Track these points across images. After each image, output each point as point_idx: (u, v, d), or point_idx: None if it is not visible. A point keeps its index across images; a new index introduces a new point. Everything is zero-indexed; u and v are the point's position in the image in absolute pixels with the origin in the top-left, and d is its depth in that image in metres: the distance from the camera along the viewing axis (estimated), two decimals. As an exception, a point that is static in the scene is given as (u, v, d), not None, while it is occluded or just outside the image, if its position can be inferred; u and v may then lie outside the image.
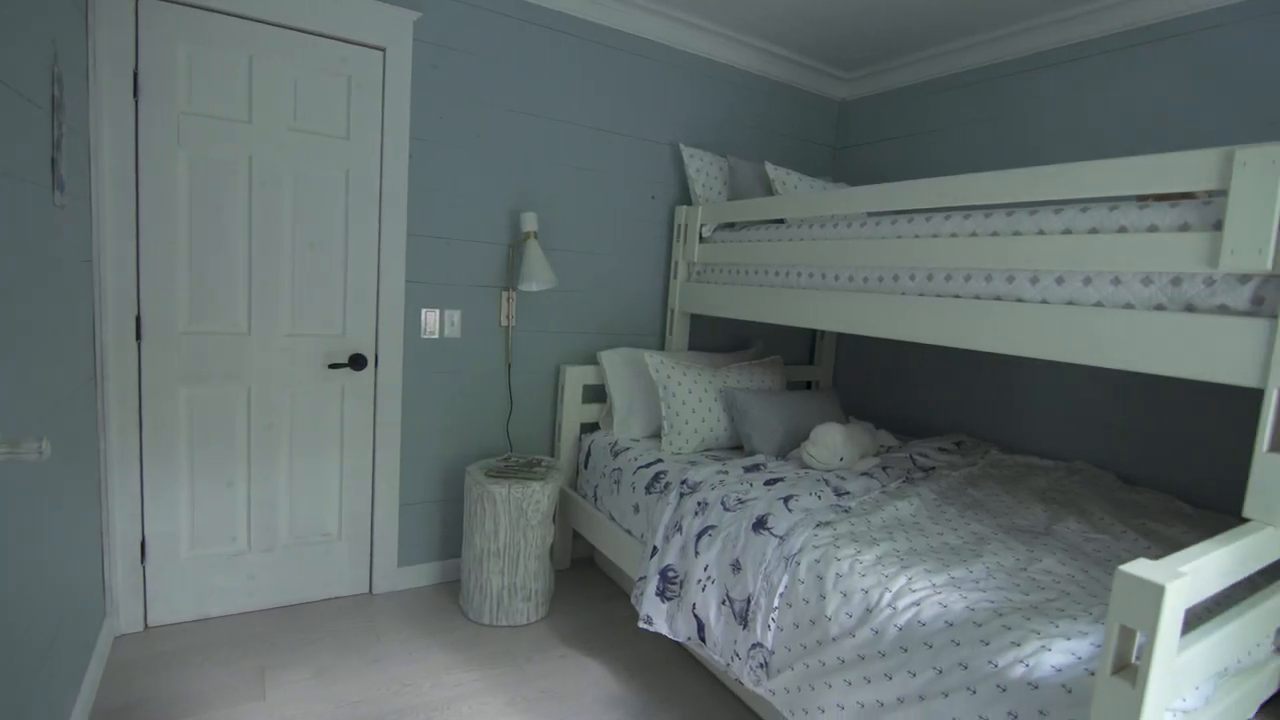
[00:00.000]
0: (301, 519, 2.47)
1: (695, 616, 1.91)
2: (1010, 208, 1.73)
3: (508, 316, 2.72)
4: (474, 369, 2.70)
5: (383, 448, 2.55)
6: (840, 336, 3.63)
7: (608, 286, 2.98)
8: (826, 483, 2.11)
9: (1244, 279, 1.31)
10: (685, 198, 3.12)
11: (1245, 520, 1.30)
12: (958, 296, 1.79)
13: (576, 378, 2.83)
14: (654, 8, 2.80)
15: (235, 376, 2.29)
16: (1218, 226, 1.34)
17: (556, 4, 2.65)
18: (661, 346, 3.16)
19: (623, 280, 3.01)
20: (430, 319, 2.58)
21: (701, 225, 2.87)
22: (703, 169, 2.98)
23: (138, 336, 2.14)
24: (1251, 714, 1.37)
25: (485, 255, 2.67)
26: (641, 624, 2.05)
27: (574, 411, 2.85)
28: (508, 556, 2.38)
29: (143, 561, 2.22)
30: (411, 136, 2.46)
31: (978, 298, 1.74)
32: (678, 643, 2.32)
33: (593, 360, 2.96)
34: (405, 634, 2.35)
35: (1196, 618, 1.38)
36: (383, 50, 2.38)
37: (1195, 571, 1.05)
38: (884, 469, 2.31)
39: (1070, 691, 1.17)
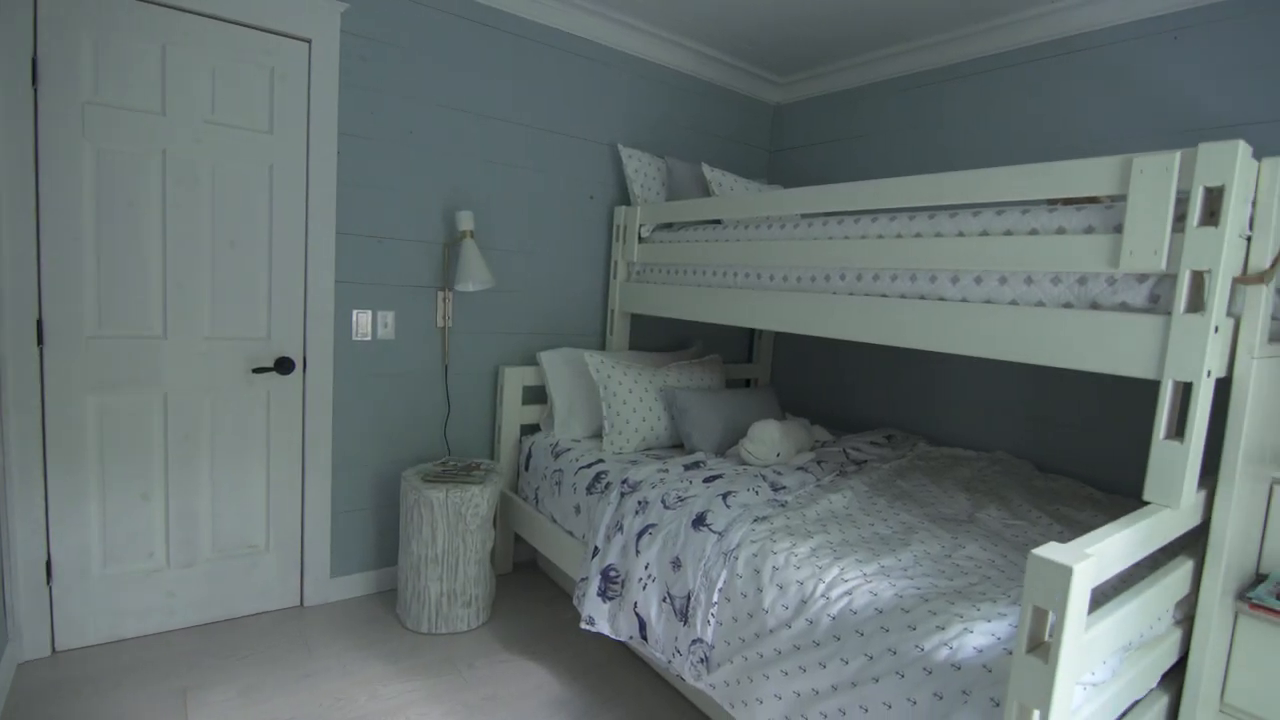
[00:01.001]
0: (225, 531, 2.35)
1: (637, 615, 1.92)
2: (932, 210, 1.80)
3: (444, 317, 2.67)
4: (409, 371, 2.64)
5: (313, 454, 2.46)
6: (778, 335, 3.71)
7: (547, 286, 2.96)
8: (764, 478, 2.15)
9: (1142, 278, 1.40)
10: (624, 198, 3.12)
11: (1146, 503, 1.39)
12: (885, 296, 1.85)
13: (516, 379, 2.80)
14: (590, 7, 2.80)
15: (149, 383, 2.16)
16: (1118, 229, 1.43)
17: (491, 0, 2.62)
18: (602, 346, 3.16)
19: (562, 280, 3.00)
20: (362, 320, 2.50)
21: (640, 225, 2.88)
22: (641, 169, 2.99)
23: (39, 341, 1.99)
24: (1154, 684, 1.47)
25: (420, 255, 2.60)
26: (584, 625, 2.04)
27: (514, 413, 2.82)
28: (446, 563, 2.33)
29: (48, 582, 2.07)
30: (340, 131, 2.38)
31: (903, 296, 1.81)
32: (620, 642, 2.33)
33: (532, 361, 2.93)
34: (339, 646, 2.27)
35: (1104, 595, 1.47)
36: (308, 41, 2.29)
37: (1100, 553, 1.12)
38: (819, 463, 2.38)
39: (990, 671, 1.23)
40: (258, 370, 2.32)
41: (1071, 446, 2.52)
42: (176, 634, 2.27)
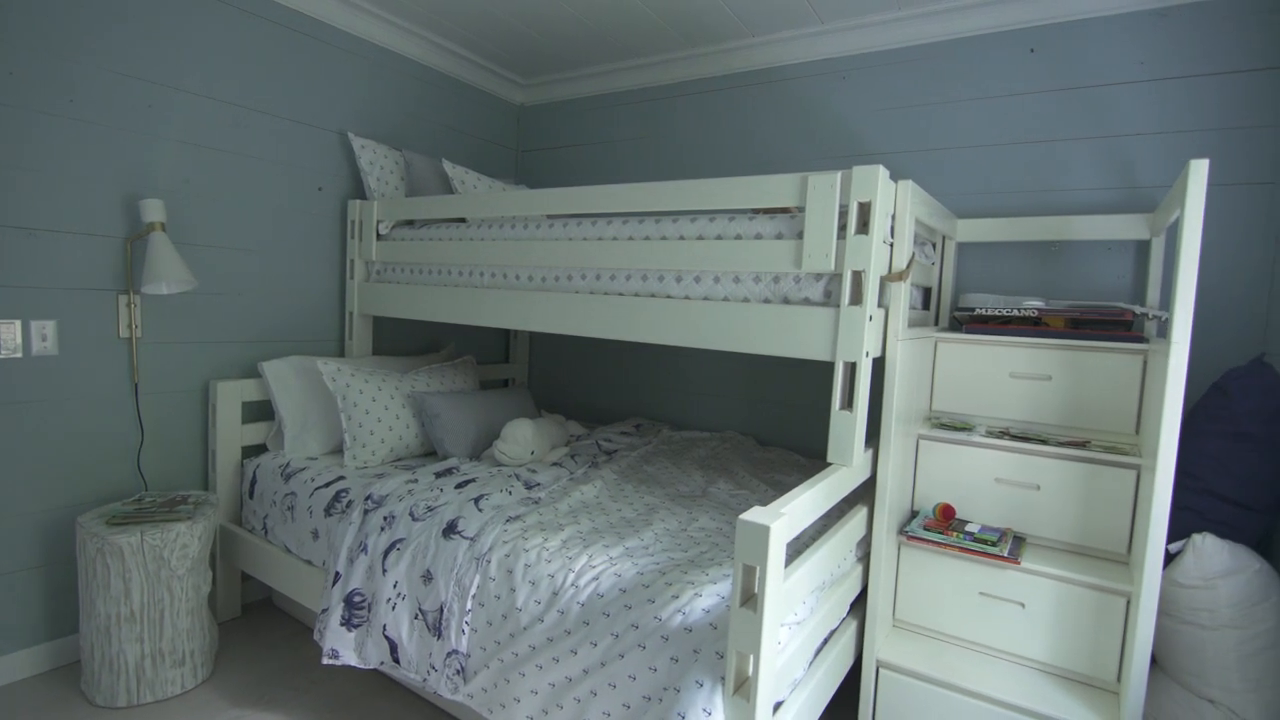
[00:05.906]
0: None
1: (387, 638, 1.80)
2: (659, 215, 1.96)
3: (130, 326, 2.23)
4: (82, 394, 2.16)
5: (-64, 509, 1.90)
6: (534, 334, 3.74)
7: (269, 288, 2.63)
8: (518, 477, 2.16)
9: (818, 277, 1.67)
10: (358, 191, 2.90)
11: (830, 464, 1.66)
12: (621, 294, 1.97)
13: (233, 394, 2.45)
14: (307, -19, 2.55)
15: None
16: (801, 235, 1.68)
17: (176, -44, 2.25)
18: (341, 353, 2.90)
19: (288, 280, 2.69)
20: (8, 333, 1.99)
21: (379, 222, 2.70)
22: (376, 162, 2.80)
23: None
24: (845, 613, 1.77)
25: (91, 250, 2.15)
26: (326, 660, 1.86)
27: (232, 434, 2.46)
28: (147, 619, 1.96)
29: None
30: (-43, 94, 1.87)
31: (637, 295, 1.94)
32: (373, 671, 2.17)
33: (254, 373, 2.59)
34: (-9, 747, 1.79)
35: (804, 544, 1.73)
36: (-103, -27, 1.76)
37: (792, 511, 1.31)
38: (573, 457, 2.45)
39: (716, 628, 1.37)
40: None
41: (785, 421, 2.93)
42: None
